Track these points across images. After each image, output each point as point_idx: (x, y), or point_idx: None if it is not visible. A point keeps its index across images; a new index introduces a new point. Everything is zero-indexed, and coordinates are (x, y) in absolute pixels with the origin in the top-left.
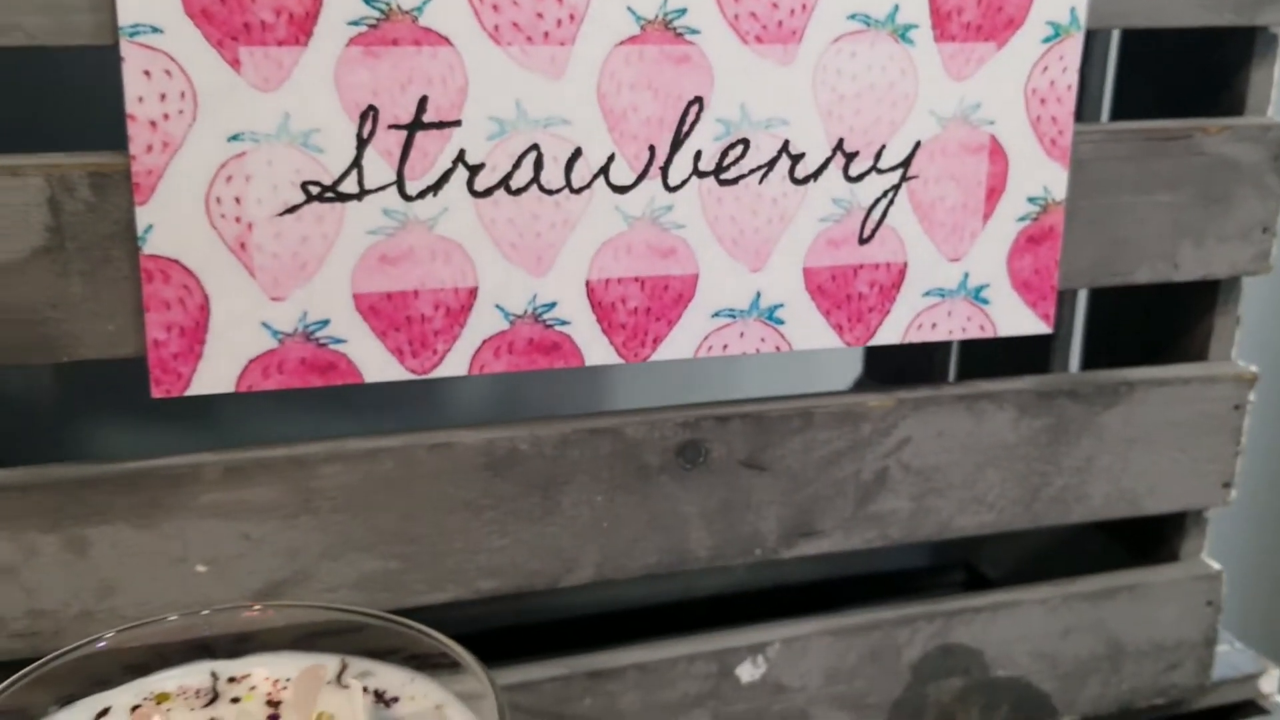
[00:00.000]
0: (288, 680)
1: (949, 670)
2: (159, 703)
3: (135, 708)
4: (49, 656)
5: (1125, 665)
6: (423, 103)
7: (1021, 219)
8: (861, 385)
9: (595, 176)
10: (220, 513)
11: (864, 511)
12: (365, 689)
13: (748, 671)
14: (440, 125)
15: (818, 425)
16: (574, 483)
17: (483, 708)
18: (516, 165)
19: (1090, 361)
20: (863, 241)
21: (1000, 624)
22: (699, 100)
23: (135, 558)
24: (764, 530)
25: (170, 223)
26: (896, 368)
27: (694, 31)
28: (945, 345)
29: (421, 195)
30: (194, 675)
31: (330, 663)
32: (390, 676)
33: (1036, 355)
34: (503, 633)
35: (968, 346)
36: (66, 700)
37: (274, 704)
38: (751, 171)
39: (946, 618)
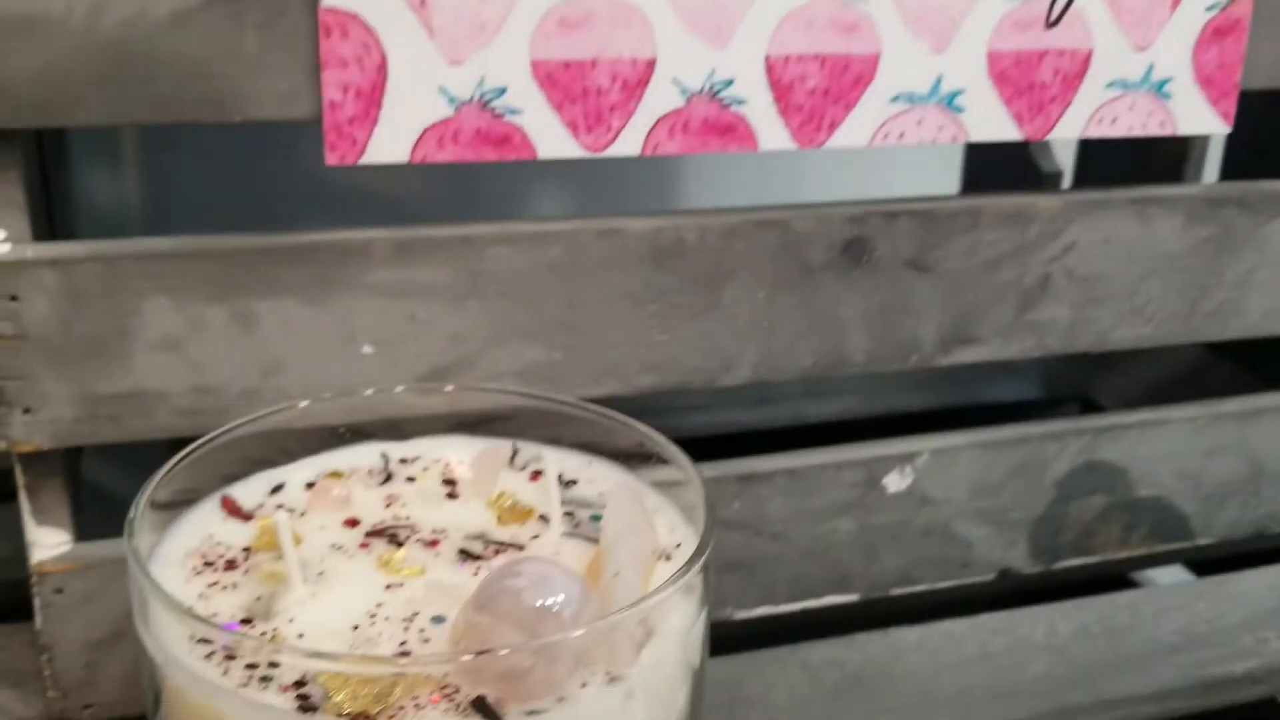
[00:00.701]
0: (460, 461)
1: (1092, 488)
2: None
3: (310, 484)
4: (223, 429)
5: (1264, 489)
6: None
7: (1210, 8)
8: None
9: None
10: (388, 292)
11: (1024, 319)
12: (541, 472)
13: (895, 482)
14: None
15: (985, 225)
16: (736, 278)
17: (681, 495)
18: None
19: (1227, 176)
20: (1050, 25)
21: (1147, 442)
22: None
23: (303, 335)
24: (922, 335)
25: None
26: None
27: None
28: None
29: None
30: (364, 456)
31: (501, 447)
32: (566, 460)
33: (1167, 168)
34: None
35: (1085, 159)
36: (233, 478)
37: (450, 483)
38: None
39: (1095, 434)
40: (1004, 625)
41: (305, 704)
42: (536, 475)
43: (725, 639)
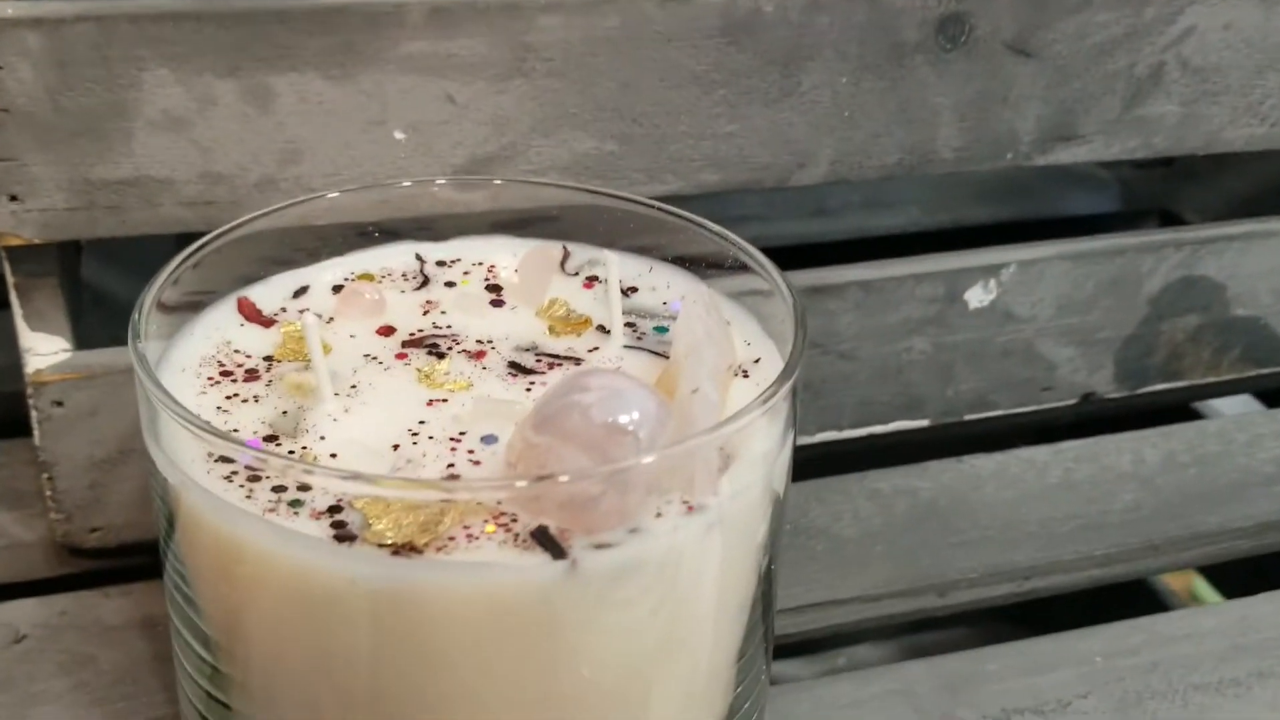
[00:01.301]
0: (504, 266)
1: (1188, 306)
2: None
3: (337, 287)
4: (238, 221)
5: None
6: None
7: None
8: None
9: None
10: (423, 67)
11: (1131, 114)
12: (598, 278)
13: (977, 296)
14: None
15: (1097, 4)
16: (818, 59)
17: (758, 305)
18: None
19: None
20: None
21: (1251, 256)
22: None
23: (325, 116)
24: (1020, 130)
25: None
26: None
27: None
28: None
29: None
30: (396, 258)
31: (550, 248)
32: (624, 265)
33: None
34: None
35: None
36: (249, 280)
37: (495, 289)
38: None
39: (1195, 246)
40: (1087, 453)
41: (341, 533)
42: (591, 282)
43: None
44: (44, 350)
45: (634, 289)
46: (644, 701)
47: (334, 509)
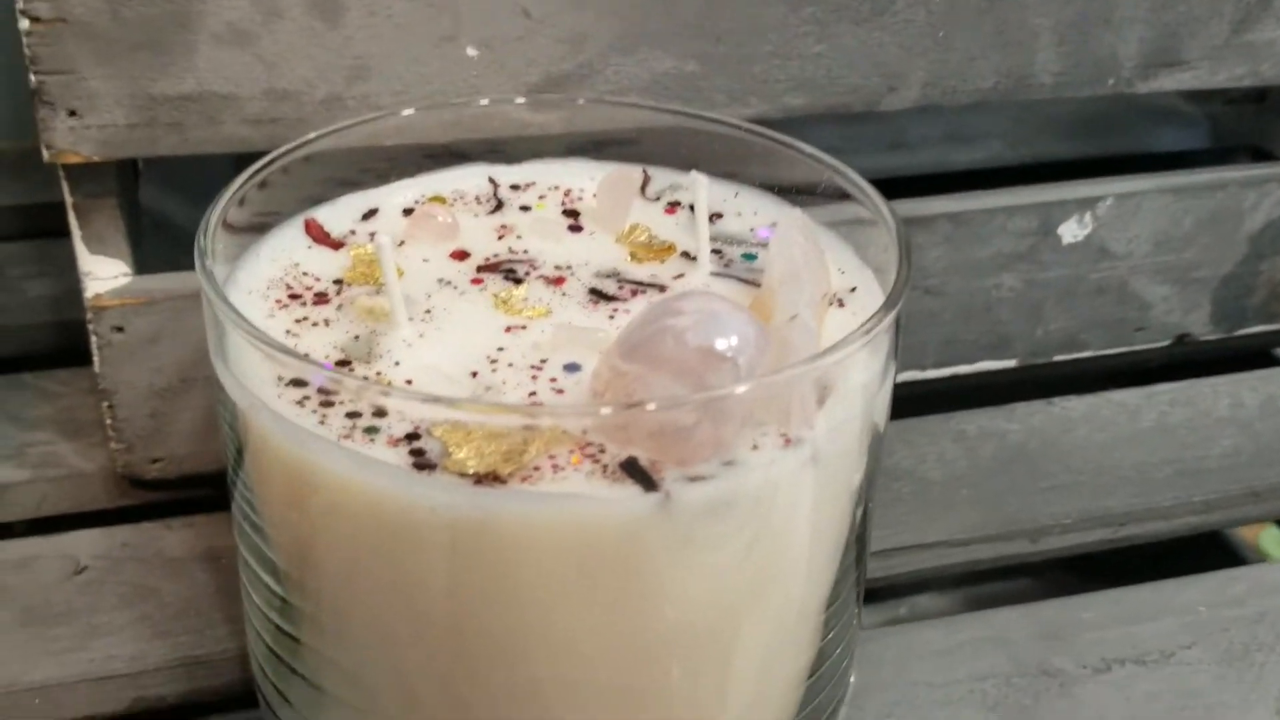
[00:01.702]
0: (581, 190)
1: None
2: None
3: (408, 210)
4: (306, 138)
5: None
6: None
7: None
8: None
9: None
10: None
11: (1239, 39)
12: (680, 204)
13: (1071, 230)
14: None
15: None
16: None
17: (853, 233)
18: None
19: None
20: None
21: None
22: None
23: (395, 30)
24: (1122, 55)
25: None
26: None
27: None
28: None
29: None
30: (468, 180)
31: (631, 172)
32: (709, 190)
33: None
34: None
35: None
36: (318, 200)
37: (572, 214)
38: None
39: None
40: (1182, 396)
41: (421, 461)
42: (673, 207)
43: None
44: (104, 274)
45: (719, 215)
46: (732, 644)
47: (411, 436)
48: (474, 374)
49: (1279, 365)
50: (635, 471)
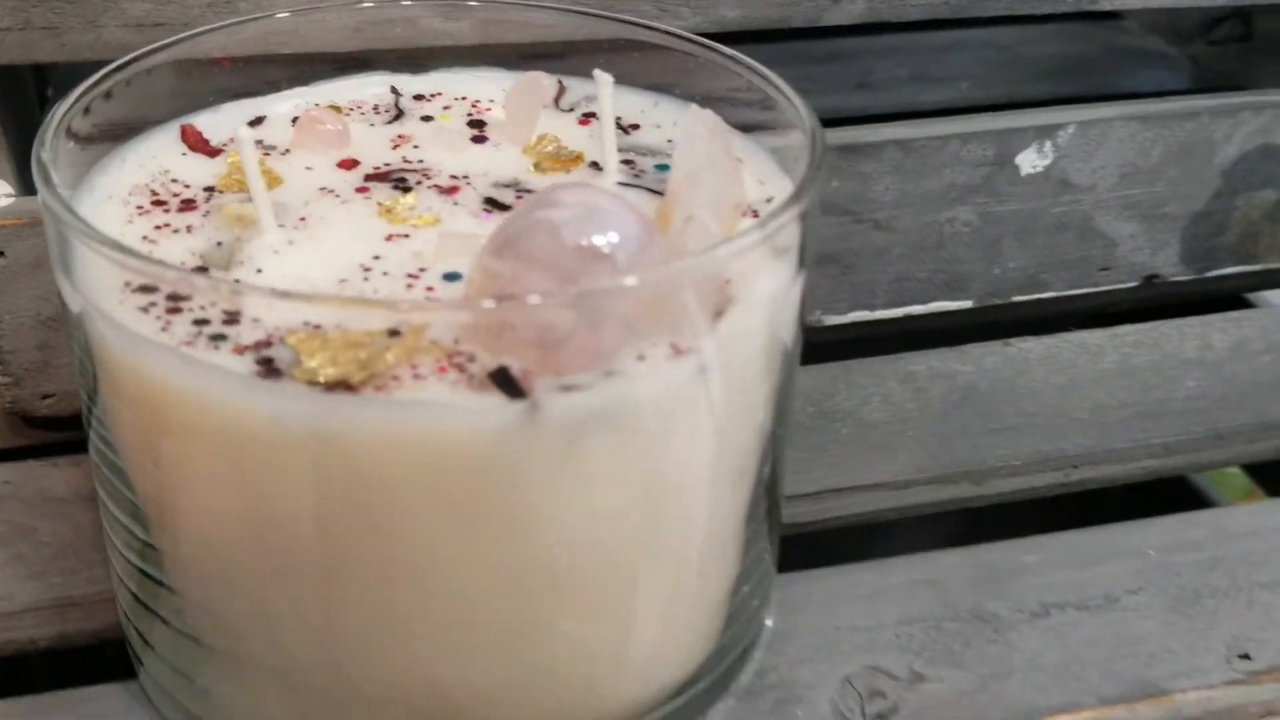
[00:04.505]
0: (490, 101)
1: (1265, 179)
2: None
3: (298, 119)
4: (179, 37)
5: None
6: None
7: None
8: None
9: None
10: None
11: None
12: (593, 115)
13: (1030, 161)
14: None
15: None
16: None
17: (778, 141)
18: None
19: None
20: None
21: None
22: None
23: None
24: None
25: None
26: None
27: None
28: None
29: None
30: (369, 89)
31: (543, 81)
32: (626, 100)
33: None
34: None
35: None
36: (198, 107)
37: (478, 124)
38: None
39: (1277, 111)
40: (1147, 338)
41: (265, 369)
42: (587, 119)
43: (813, 347)
44: None
45: (635, 126)
46: (625, 576)
47: (262, 344)
48: (342, 281)
49: (1254, 307)
50: (504, 381)
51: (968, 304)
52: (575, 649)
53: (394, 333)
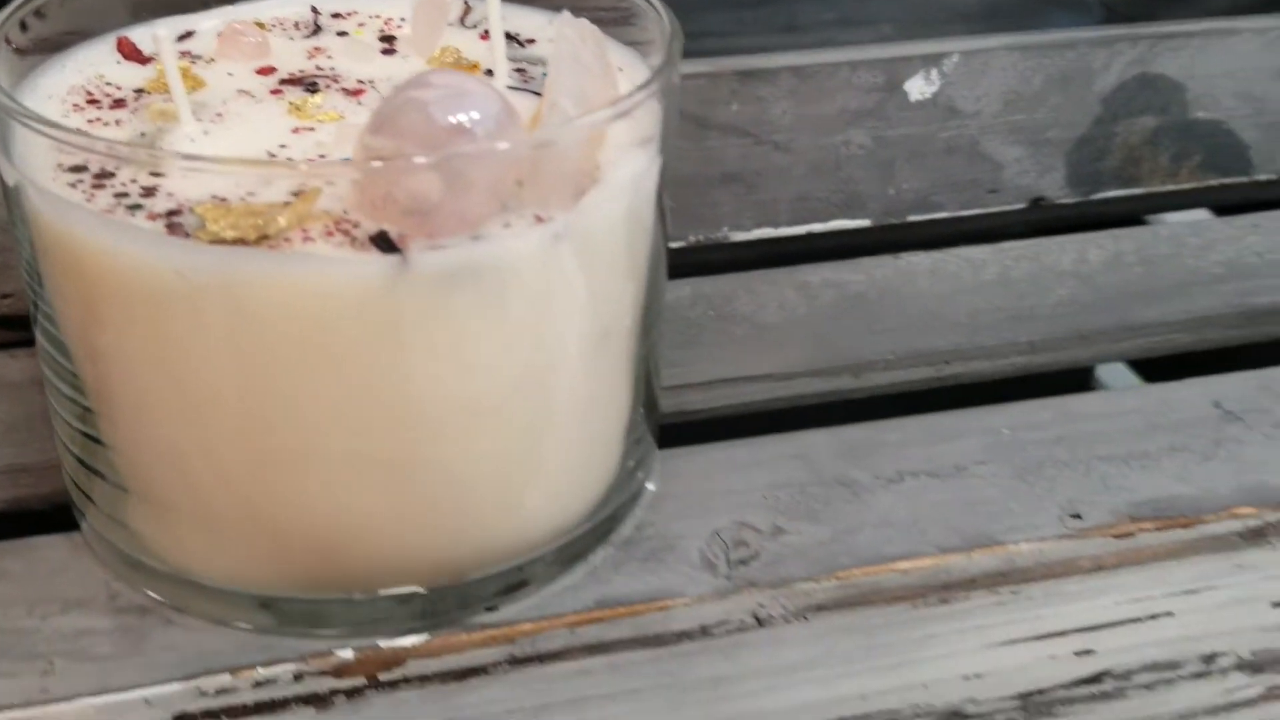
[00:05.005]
0: (402, 19)
1: (1144, 106)
2: None
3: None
4: None
5: None
6: None
7: None
8: None
9: None
10: None
11: None
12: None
13: (918, 87)
14: None
15: None
16: None
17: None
18: None
19: None
20: None
21: (1211, 55)
22: None
23: None
24: None
25: None
26: None
27: None
28: None
29: None
30: (291, 7)
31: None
32: (524, 18)
33: None
34: None
35: None
36: (134, 23)
37: (388, 39)
38: None
39: (1152, 43)
40: (1030, 252)
41: (176, 230)
42: (488, 35)
43: (720, 262)
44: None
45: (531, 40)
46: (500, 423)
47: (173, 212)
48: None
49: (1133, 225)
50: (382, 241)
51: (865, 223)
52: (456, 487)
53: (288, 204)
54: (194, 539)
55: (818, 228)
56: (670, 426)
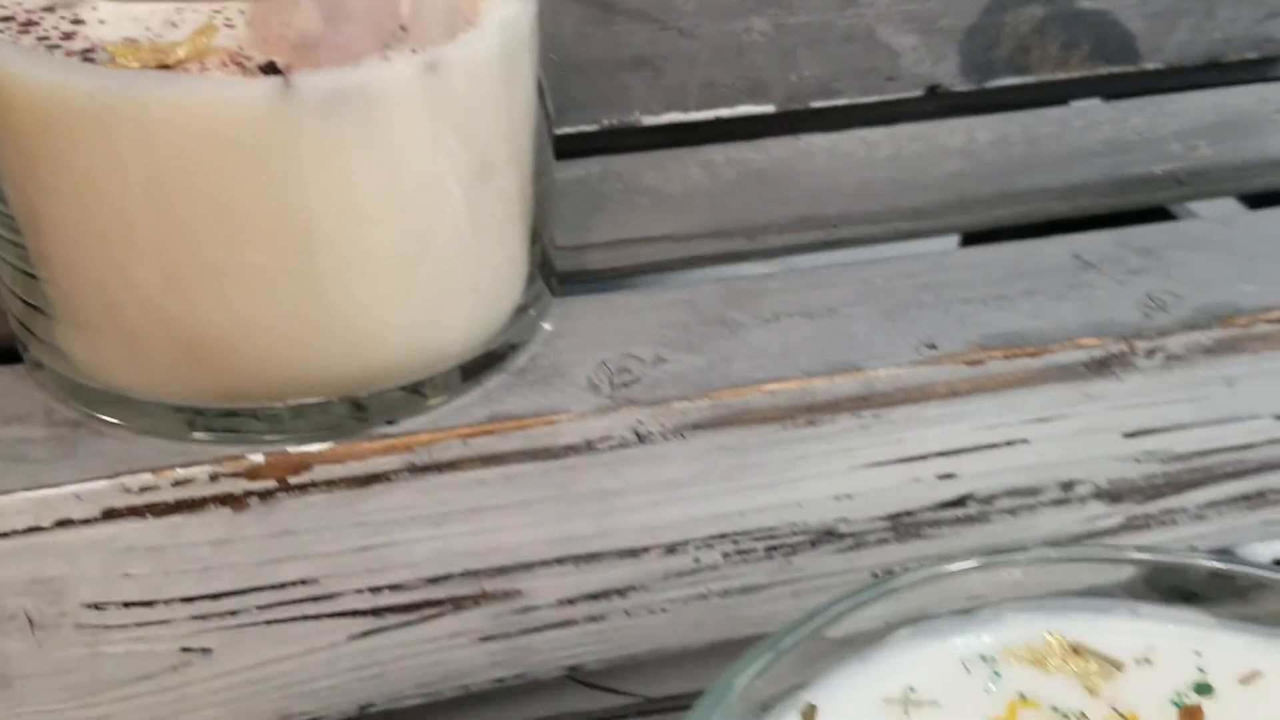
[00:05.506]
0: None
1: None
2: None
3: None
4: None
5: (1220, 9)
6: None
7: None
8: None
9: None
10: None
11: None
12: None
13: None
14: None
15: None
16: None
17: None
18: None
19: None
20: None
21: None
22: None
23: None
24: None
25: None
26: None
27: None
28: None
29: None
30: None
31: None
32: None
33: None
34: None
35: None
36: None
37: None
38: None
39: None
40: (923, 134)
41: (89, 59)
42: None
43: (632, 144)
44: None
45: None
46: (382, 245)
47: (89, 50)
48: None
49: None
50: (270, 70)
51: (770, 109)
52: (351, 303)
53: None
54: (118, 357)
55: (725, 113)
56: (572, 282)
